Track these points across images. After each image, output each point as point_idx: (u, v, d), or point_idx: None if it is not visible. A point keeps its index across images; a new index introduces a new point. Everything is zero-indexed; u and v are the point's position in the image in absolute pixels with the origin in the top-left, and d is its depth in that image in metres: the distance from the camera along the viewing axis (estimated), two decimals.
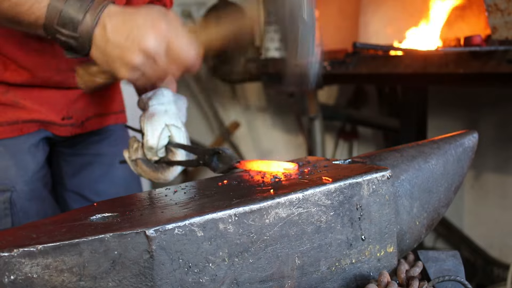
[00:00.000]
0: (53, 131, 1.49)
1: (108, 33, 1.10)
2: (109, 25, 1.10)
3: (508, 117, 3.02)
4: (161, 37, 1.09)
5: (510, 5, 2.17)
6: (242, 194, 0.95)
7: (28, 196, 1.44)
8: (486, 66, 2.23)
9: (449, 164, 1.18)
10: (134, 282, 0.81)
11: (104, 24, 1.10)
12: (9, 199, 1.40)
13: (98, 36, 1.11)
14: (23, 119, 1.43)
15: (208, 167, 1.19)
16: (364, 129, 3.69)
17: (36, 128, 1.46)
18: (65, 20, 1.11)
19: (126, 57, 1.09)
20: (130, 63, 1.09)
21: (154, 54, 1.09)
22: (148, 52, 1.09)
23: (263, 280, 0.90)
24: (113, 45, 1.10)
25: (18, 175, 1.43)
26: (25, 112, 1.43)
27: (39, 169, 1.48)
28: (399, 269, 1.01)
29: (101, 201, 1.04)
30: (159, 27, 1.09)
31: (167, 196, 1.00)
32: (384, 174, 1.02)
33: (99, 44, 1.11)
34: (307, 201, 0.94)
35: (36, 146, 1.47)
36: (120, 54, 1.09)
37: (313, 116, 3.09)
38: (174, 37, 1.10)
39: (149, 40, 1.08)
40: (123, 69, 1.11)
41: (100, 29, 1.11)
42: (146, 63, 1.10)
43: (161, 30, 1.09)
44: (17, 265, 0.78)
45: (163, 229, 0.82)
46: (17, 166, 1.43)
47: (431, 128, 2.94)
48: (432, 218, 1.16)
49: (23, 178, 1.43)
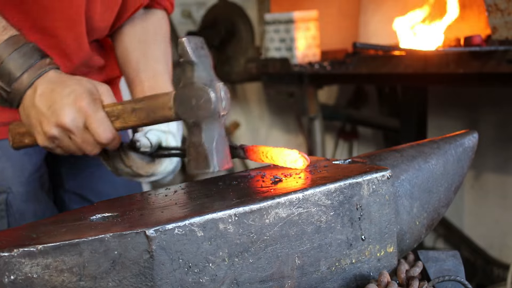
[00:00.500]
0: None
1: (36, 98, 1.11)
2: (39, 90, 1.11)
3: (508, 117, 3.02)
4: (80, 114, 1.10)
5: (510, 5, 2.17)
6: (242, 194, 0.95)
7: (25, 197, 1.44)
8: (486, 66, 2.24)
9: (449, 164, 1.18)
10: (134, 282, 0.81)
11: (36, 87, 1.11)
12: (5, 200, 1.40)
13: (27, 97, 1.12)
14: None
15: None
16: (364, 129, 3.69)
17: None
18: (2, 72, 1.12)
19: (44, 126, 1.11)
20: (47, 133, 1.11)
21: (70, 129, 1.10)
22: (64, 127, 1.10)
23: (263, 280, 0.90)
24: (36, 111, 1.11)
25: (14, 176, 1.42)
26: None
27: (36, 170, 1.48)
28: (399, 269, 1.01)
29: (101, 201, 1.04)
30: (80, 103, 1.10)
31: (167, 196, 1.00)
32: (384, 174, 1.02)
33: (26, 105, 1.12)
34: (307, 201, 0.94)
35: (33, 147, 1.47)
36: (40, 122, 1.11)
37: (313, 116, 3.09)
38: (92, 115, 1.11)
39: (67, 114, 1.09)
40: (40, 137, 1.13)
41: (31, 92, 1.12)
42: (61, 136, 1.11)
43: (81, 106, 1.10)
44: (17, 265, 0.78)
45: (163, 229, 0.82)
46: (14, 168, 1.42)
47: (431, 128, 2.94)
48: (432, 218, 1.16)
49: (20, 179, 1.43)
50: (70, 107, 1.09)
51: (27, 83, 1.12)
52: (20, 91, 1.12)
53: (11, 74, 1.11)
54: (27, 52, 1.13)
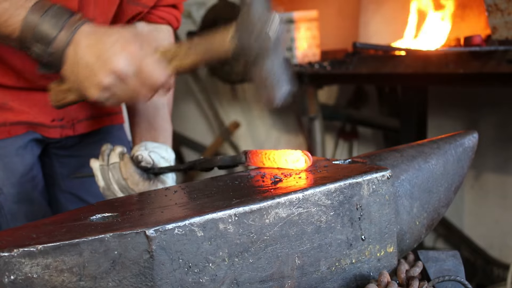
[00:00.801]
0: (42, 133, 1.48)
1: (80, 52, 1.10)
2: (81, 44, 1.10)
3: (508, 117, 3.02)
4: (132, 59, 1.09)
5: (510, 5, 2.18)
6: (242, 194, 0.95)
7: (16, 198, 1.43)
8: (486, 66, 2.24)
9: (449, 164, 1.18)
10: (134, 282, 0.81)
11: (77, 43, 1.10)
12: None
13: (70, 54, 1.11)
14: (11, 121, 1.41)
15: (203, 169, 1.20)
16: (364, 129, 3.69)
17: (24, 130, 1.45)
18: (39, 36, 1.10)
19: (95, 77, 1.09)
20: (100, 84, 1.09)
21: (124, 75, 1.09)
22: (118, 73, 1.08)
23: (263, 280, 0.90)
24: (84, 65, 1.09)
25: (5, 177, 1.42)
26: (12, 114, 1.41)
27: (28, 171, 1.47)
28: (399, 269, 1.01)
29: (101, 201, 1.04)
30: (130, 48, 1.09)
31: (167, 196, 1.00)
32: (384, 174, 1.02)
33: (70, 62, 1.11)
34: (307, 201, 0.94)
35: (24, 148, 1.46)
36: (90, 74, 1.09)
37: (313, 116, 3.09)
38: (145, 59, 1.10)
39: (119, 61, 1.08)
40: (92, 89, 1.11)
41: (73, 48, 1.10)
42: (115, 84, 1.10)
43: (132, 52, 1.09)
44: (17, 265, 0.78)
45: (163, 229, 0.82)
46: (5, 169, 1.42)
47: (431, 128, 2.94)
48: (432, 218, 1.16)
49: (10, 180, 1.43)
50: (121, 52, 1.08)
51: (65, 39, 1.10)
52: (61, 49, 1.10)
53: (48, 36, 1.10)
54: (57, 13, 1.12)
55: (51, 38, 1.10)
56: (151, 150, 1.32)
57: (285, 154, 1.08)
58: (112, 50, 1.08)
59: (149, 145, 1.35)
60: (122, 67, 1.08)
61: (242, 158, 1.14)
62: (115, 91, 1.11)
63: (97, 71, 1.08)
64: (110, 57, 1.08)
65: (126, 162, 1.29)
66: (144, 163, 1.29)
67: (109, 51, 1.08)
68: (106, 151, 1.32)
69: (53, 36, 1.10)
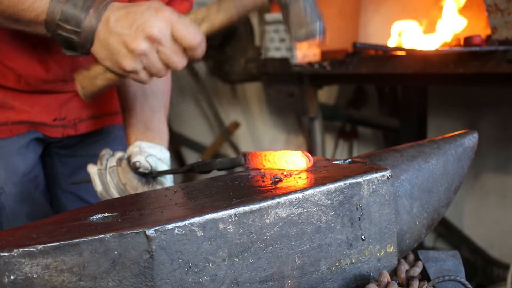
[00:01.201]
0: (43, 132, 1.48)
1: (111, 25, 1.09)
2: (112, 17, 1.09)
3: (508, 117, 3.02)
4: (165, 22, 1.08)
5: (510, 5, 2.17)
6: (242, 194, 0.95)
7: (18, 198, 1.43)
8: (486, 66, 2.24)
9: (449, 164, 1.18)
10: (134, 282, 0.81)
11: (107, 18, 1.09)
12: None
13: (101, 29, 1.10)
14: (12, 120, 1.41)
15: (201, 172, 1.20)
16: (364, 129, 3.69)
17: (26, 130, 1.45)
18: (67, 17, 1.10)
19: (130, 44, 1.08)
20: (135, 50, 1.08)
21: (159, 39, 1.08)
22: (153, 37, 1.07)
23: (263, 280, 0.90)
24: (117, 35, 1.08)
25: (7, 177, 1.42)
26: (14, 113, 1.41)
27: (30, 170, 1.47)
28: (399, 269, 1.01)
29: (101, 201, 1.04)
30: (162, 13, 1.09)
31: (167, 196, 1.00)
32: (384, 174, 1.02)
33: (102, 37, 1.10)
34: (307, 201, 0.94)
35: (26, 148, 1.46)
36: (124, 42, 1.08)
37: (313, 116, 3.09)
38: (178, 21, 1.09)
39: (153, 25, 1.07)
40: (127, 59, 1.09)
41: (103, 24, 1.09)
42: (151, 49, 1.09)
43: (164, 16, 1.08)
44: (17, 265, 0.78)
45: (163, 229, 0.82)
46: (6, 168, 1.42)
47: (431, 128, 2.94)
48: (432, 218, 1.16)
49: (12, 179, 1.42)
50: (153, 18, 1.08)
51: (95, 17, 1.10)
52: (92, 26, 1.10)
53: (77, 15, 1.09)
54: None
55: (81, 18, 1.09)
56: (148, 153, 1.32)
57: (285, 156, 1.08)
58: (143, 17, 1.08)
59: (143, 145, 1.34)
60: (156, 32, 1.07)
61: (242, 160, 1.13)
62: (150, 58, 1.10)
63: (131, 39, 1.07)
64: (143, 23, 1.07)
65: (124, 167, 1.29)
66: (142, 169, 1.29)
67: (141, 19, 1.08)
68: (105, 156, 1.32)
69: (83, 16, 1.09)
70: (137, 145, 1.34)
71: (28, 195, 1.46)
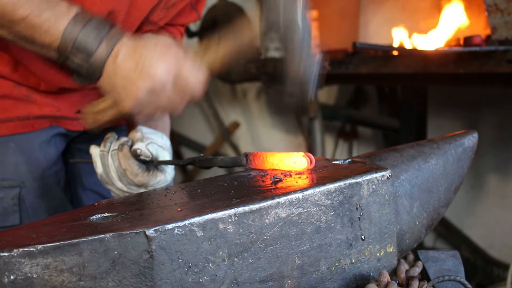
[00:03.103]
0: (66, 126, 1.49)
1: (118, 62, 1.10)
2: (120, 54, 1.11)
3: (508, 117, 3.02)
4: (171, 66, 1.09)
5: (510, 5, 2.18)
6: (242, 194, 0.95)
7: (38, 192, 1.43)
8: (486, 66, 2.24)
9: (449, 164, 1.18)
10: (134, 282, 0.81)
11: (116, 53, 1.11)
12: (18, 195, 1.40)
13: (109, 65, 1.11)
14: (35, 115, 1.42)
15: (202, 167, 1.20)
16: (364, 129, 3.69)
17: (48, 124, 1.45)
18: (79, 46, 1.11)
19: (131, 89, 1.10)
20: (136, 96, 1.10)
21: (163, 82, 1.09)
22: (156, 81, 1.09)
23: (263, 280, 0.90)
24: (122, 75, 1.10)
25: (28, 171, 1.42)
26: (36, 107, 1.42)
27: (51, 165, 1.47)
28: (399, 269, 1.01)
29: (101, 201, 1.04)
30: (168, 56, 1.10)
31: (167, 196, 1.00)
32: (384, 174, 1.02)
33: (109, 73, 1.12)
34: (307, 201, 0.94)
35: (48, 143, 1.46)
36: (128, 82, 1.10)
37: (313, 116, 3.09)
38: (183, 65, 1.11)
39: (158, 69, 1.08)
40: (128, 100, 1.11)
41: (112, 59, 1.11)
42: (152, 96, 1.10)
43: (170, 59, 1.10)
44: (17, 265, 0.78)
45: (163, 229, 0.82)
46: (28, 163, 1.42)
47: (431, 128, 2.94)
48: (432, 218, 1.16)
49: (33, 174, 1.43)
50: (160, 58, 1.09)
51: (106, 51, 1.11)
52: (101, 61, 1.11)
53: (88, 47, 1.11)
54: (98, 25, 1.13)
55: (92, 50, 1.11)
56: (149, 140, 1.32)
57: (287, 157, 1.08)
58: (150, 56, 1.09)
59: (145, 131, 1.35)
60: (160, 75, 1.08)
61: (243, 161, 1.14)
62: (152, 100, 1.11)
63: (135, 79, 1.09)
64: (149, 64, 1.09)
65: (125, 153, 1.29)
66: (143, 157, 1.29)
67: (148, 58, 1.09)
68: (110, 139, 1.32)
69: (94, 47, 1.11)
70: (139, 130, 1.35)
71: (49, 190, 1.46)
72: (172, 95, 1.11)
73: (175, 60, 1.10)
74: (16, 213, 1.40)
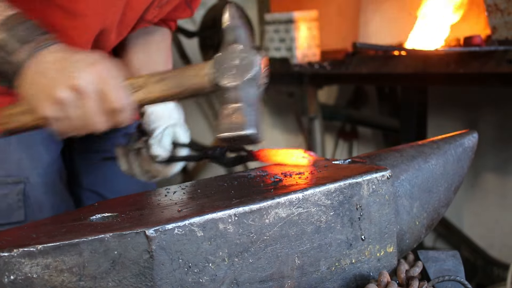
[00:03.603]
0: None
1: (41, 66, 1.03)
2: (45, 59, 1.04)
3: (508, 117, 3.02)
4: (96, 77, 1.01)
5: (510, 5, 2.18)
6: (242, 194, 0.95)
7: (43, 189, 1.43)
8: (486, 66, 2.24)
9: (449, 164, 1.18)
10: (134, 282, 0.81)
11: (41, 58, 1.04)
12: (22, 191, 1.39)
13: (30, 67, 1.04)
14: None
15: (214, 160, 1.21)
16: (364, 129, 3.69)
17: None
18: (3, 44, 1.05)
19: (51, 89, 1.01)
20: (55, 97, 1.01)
21: (83, 92, 1.01)
22: (77, 89, 1.01)
23: (263, 280, 0.90)
24: (42, 78, 1.02)
25: (31, 167, 1.41)
26: None
27: (54, 161, 1.47)
28: (399, 269, 1.01)
29: (101, 201, 1.04)
30: (96, 67, 1.03)
31: (167, 196, 1.00)
32: (384, 174, 1.02)
33: (28, 75, 1.04)
34: (307, 201, 0.94)
35: (49, 138, 1.46)
36: (47, 87, 1.02)
37: (313, 116, 3.09)
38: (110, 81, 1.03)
39: (82, 77, 1.01)
40: (45, 104, 1.03)
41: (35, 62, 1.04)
42: (71, 100, 1.01)
43: (97, 70, 1.02)
44: (17, 265, 0.78)
45: (163, 229, 0.82)
46: (30, 158, 1.41)
47: (431, 128, 2.94)
48: (432, 218, 1.16)
49: (37, 170, 1.42)
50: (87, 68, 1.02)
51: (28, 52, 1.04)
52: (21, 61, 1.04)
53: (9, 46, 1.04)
54: (31, 27, 1.06)
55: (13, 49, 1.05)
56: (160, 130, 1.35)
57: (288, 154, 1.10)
58: (77, 65, 1.02)
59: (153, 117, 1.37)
60: (82, 84, 1.00)
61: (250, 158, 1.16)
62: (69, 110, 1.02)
63: (55, 84, 1.01)
64: (74, 72, 1.01)
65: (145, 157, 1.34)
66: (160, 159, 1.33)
67: (74, 66, 1.02)
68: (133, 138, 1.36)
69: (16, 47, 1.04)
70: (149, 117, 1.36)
71: (53, 186, 1.46)
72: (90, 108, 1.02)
73: (102, 74, 1.02)
74: (21, 209, 1.39)
